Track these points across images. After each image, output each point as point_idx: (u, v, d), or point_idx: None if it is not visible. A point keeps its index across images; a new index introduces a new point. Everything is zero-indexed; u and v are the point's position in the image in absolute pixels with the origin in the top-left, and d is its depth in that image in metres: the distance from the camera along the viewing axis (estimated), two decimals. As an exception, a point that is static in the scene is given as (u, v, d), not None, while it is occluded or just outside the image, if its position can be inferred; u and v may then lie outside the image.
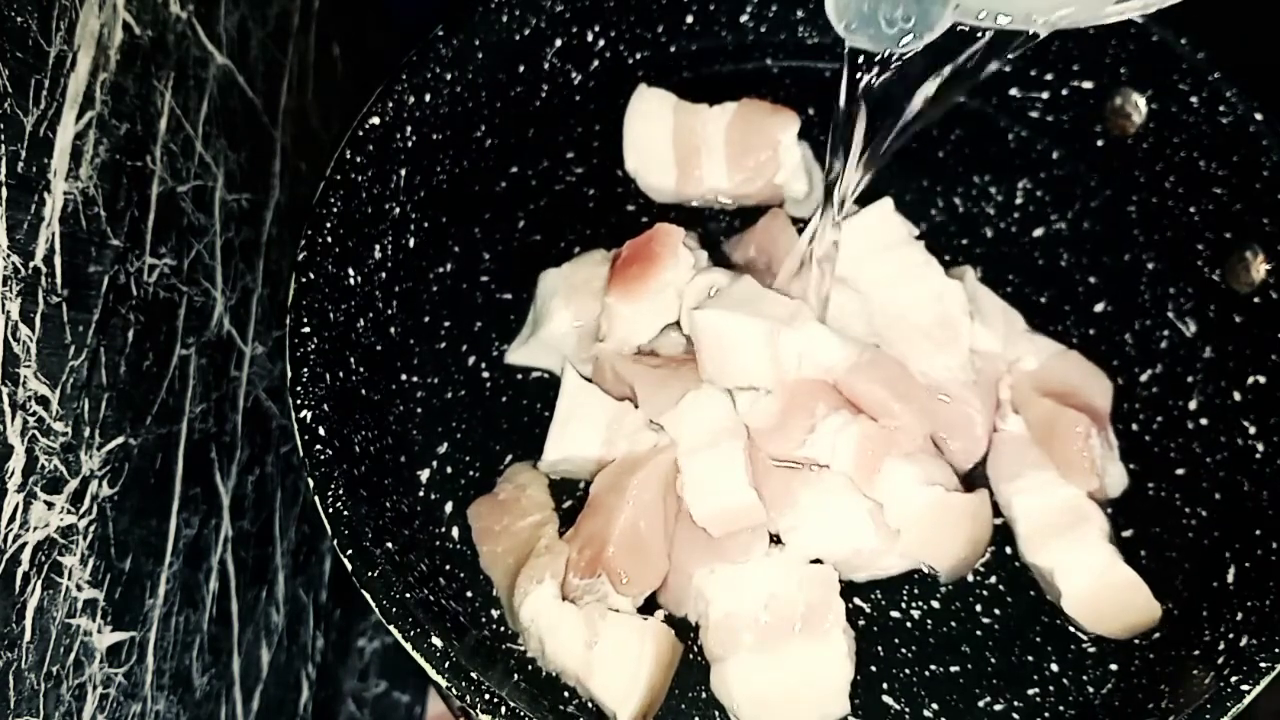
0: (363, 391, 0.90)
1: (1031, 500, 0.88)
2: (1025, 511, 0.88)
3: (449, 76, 0.96)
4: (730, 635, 0.82)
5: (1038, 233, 1.02)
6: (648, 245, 0.91)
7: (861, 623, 0.86)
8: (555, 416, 0.89)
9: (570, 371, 0.91)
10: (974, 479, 0.90)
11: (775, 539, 0.85)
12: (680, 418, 0.86)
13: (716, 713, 0.83)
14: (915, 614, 0.86)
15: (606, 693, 0.81)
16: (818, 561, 0.84)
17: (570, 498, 0.89)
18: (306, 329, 0.84)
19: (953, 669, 0.84)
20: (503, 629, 0.85)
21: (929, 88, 0.78)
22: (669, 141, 1.00)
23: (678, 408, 0.86)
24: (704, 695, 0.83)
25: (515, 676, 0.83)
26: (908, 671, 0.84)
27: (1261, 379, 0.92)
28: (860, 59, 0.73)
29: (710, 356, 0.87)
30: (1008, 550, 0.88)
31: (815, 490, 0.85)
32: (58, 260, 0.67)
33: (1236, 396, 0.93)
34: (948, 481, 0.86)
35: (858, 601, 0.86)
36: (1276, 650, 0.75)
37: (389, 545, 0.81)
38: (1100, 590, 0.85)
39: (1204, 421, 0.94)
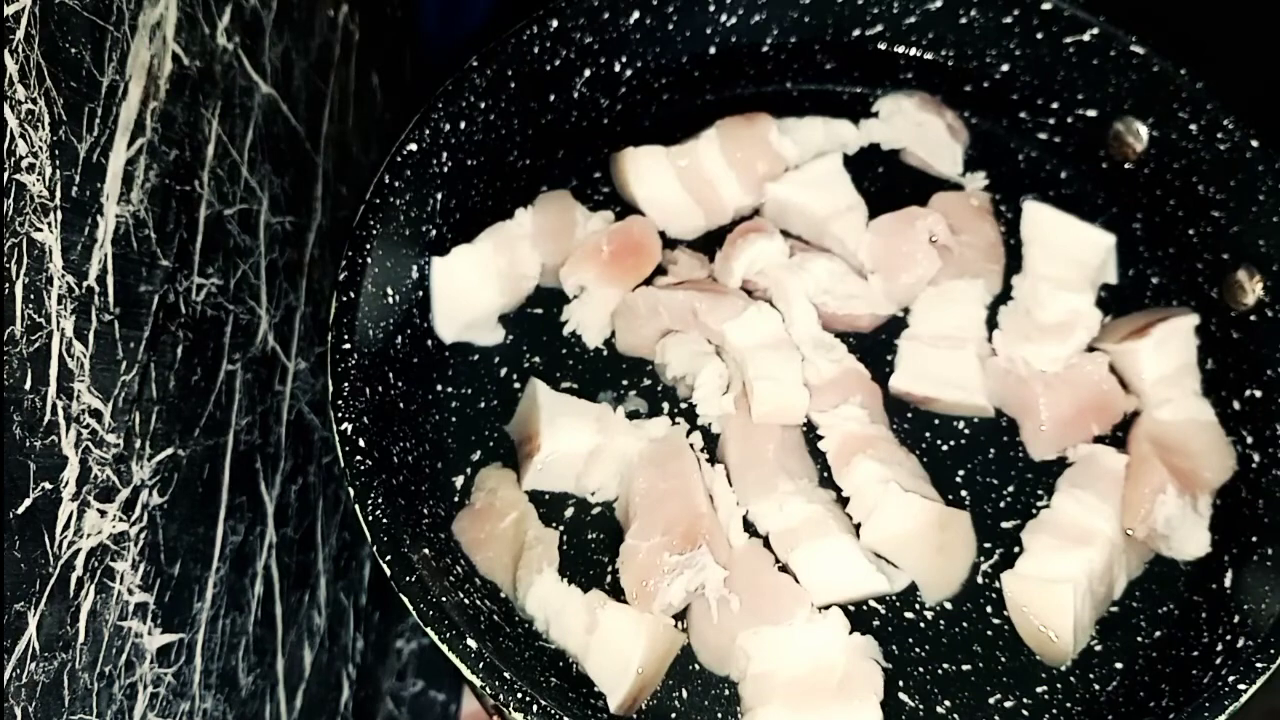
0: (400, 404, 0.92)
1: (1057, 510, 0.90)
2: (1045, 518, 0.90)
3: (483, 105, 0.98)
4: (766, 688, 0.83)
5: (1046, 248, 1.03)
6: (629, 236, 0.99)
7: (876, 623, 0.88)
8: (541, 418, 0.91)
9: (538, 385, 0.94)
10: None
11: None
12: (745, 325, 0.93)
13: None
14: (929, 615, 0.88)
15: (600, 677, 0.84)
16: (856, 630, 0.85)
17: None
18: (347, 345, 0.86)
19: (964, 668, 0.86)
20: (535, 628, 0.87)
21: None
22: (679, 188, 1.03)
23: (742, 317, 0.93)
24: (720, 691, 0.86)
25: (547, 674, 0.85)
26: (921, 670, 0.86)
27: (1258, 393, 0.93)
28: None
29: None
30: (1016, 551, 0.89)
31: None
32: (110, 280, 0.68)
33: (1236, 406, 0.95)
34: (920, 489, 0.89)
35: (873, 603, 0.88)
36: (1271, 651, 0.78)
37: (425, 551, 0.83)
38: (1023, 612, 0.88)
39: (1205, 430, 0.95)
